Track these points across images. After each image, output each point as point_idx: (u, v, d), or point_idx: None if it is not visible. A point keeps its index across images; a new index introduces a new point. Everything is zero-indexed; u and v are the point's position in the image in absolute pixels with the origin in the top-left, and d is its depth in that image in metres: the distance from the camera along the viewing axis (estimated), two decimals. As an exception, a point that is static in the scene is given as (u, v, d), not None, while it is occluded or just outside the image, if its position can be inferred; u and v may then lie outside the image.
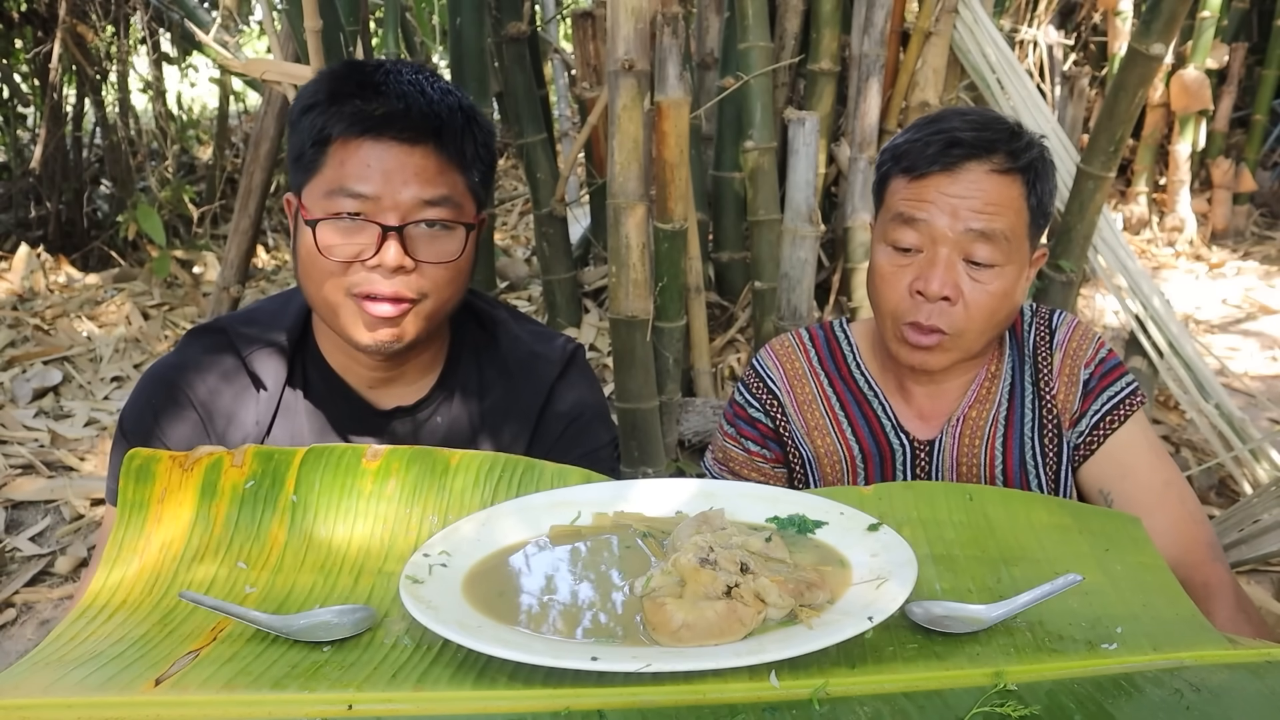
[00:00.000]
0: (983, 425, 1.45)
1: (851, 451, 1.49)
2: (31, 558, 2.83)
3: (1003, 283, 1.32)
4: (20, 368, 4.00)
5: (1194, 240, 5.75)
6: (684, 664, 0.82)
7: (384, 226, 1.22)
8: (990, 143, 1.31)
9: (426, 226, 1.25)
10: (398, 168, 1.22)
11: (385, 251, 1.22)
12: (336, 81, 1.25)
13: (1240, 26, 5.78)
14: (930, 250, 1.32)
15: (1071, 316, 1.50)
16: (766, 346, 1.58)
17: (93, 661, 0.87)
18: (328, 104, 1.23)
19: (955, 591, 1.00)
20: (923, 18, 2.92)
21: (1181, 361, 3.09)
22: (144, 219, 4.78)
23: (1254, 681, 0.87)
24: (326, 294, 1.26)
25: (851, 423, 1.50)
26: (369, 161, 1.22)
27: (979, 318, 1.33)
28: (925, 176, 1.32)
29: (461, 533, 1.04)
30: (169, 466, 1.07)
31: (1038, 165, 1.34)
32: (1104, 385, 1.44)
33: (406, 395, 1.40)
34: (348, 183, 1.22)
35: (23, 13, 5.44)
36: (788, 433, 1.54)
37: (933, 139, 1.32)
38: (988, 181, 1.30)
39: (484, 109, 3.29)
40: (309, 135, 1.24)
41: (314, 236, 1.23)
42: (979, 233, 1.30)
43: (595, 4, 3.29)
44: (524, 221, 5.72)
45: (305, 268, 1.27)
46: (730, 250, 3.47)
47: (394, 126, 1.22)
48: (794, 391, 1.52)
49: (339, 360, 1.38)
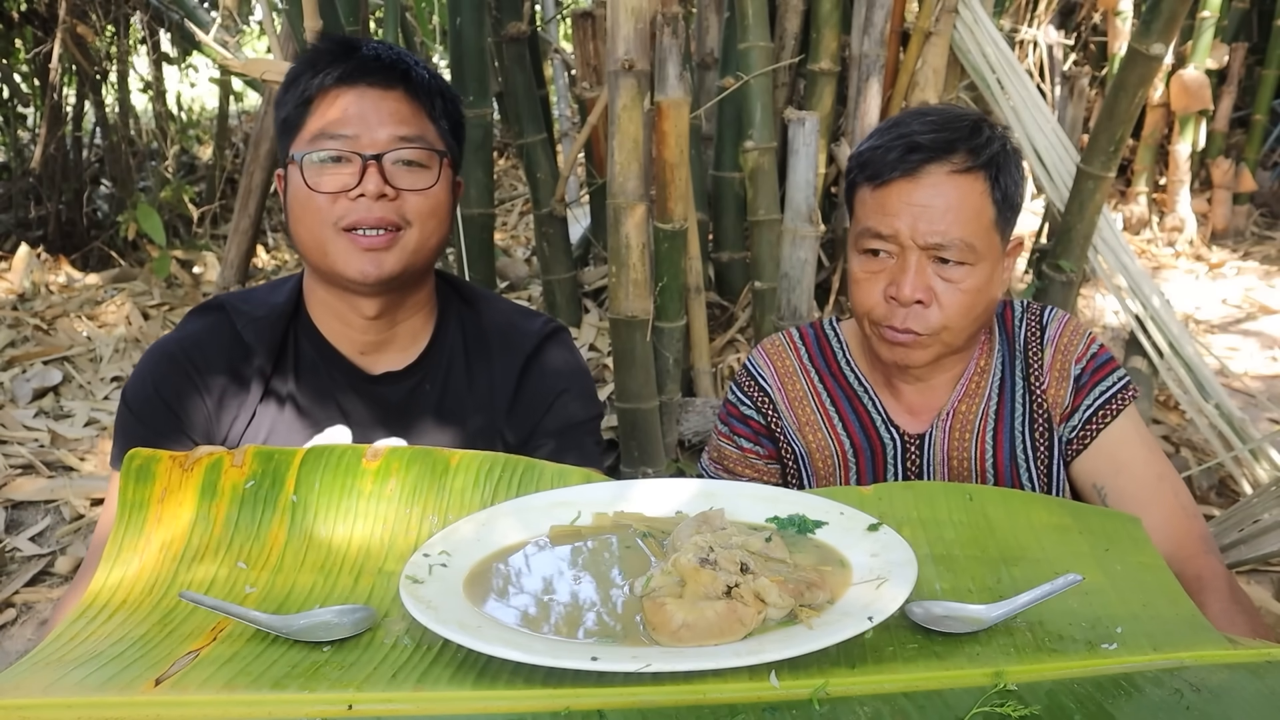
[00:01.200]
0: (973, 419, 1.46)
1: (843, 446, 1.50)
2: (31, 558, 2.83)
3: (975, 280, 1.33)
4: (20, 368, 4.00)
5: (1194, 240, 5.75)
6: (684, 664, 0.82)
7: (363, 156, 1.32)
8: (949, 143, 1.32)
9: (404, 164, 1.35)
10: (373, 109, 1.34)
11: (367, 180, 1.32)
12: (315, 53, 1.38)
13: (1240, 26, 5.78)
14: (901, 257, 1.34)
15: (1063, 313, 1.50)
16: (758, 346, 1.60)
17: (93, 661, 0.87)
18: (310, 73, 1.35)
19: (955, 591, 1.00)
20: (923, 18, 2.92)
21: (1181, 361, 3.09)
22: (144, 219, 4.78)
23: (1254, 681, 0.87)
24: (317, 233, 1.34)
25: (842, 418, 1.51)
26: (347, 106, 1.33)
27: (955, 316, 1.34)
28: (888, 184, 1.33)
29: (461, 533, 1.04)
30: (169, 466, 1.07)
31: (1000, 159, 1.34)
32: (1096, 380, 1.45)
33: (396, 361, 1.45)
34: (330, 128, 1.33)
35: (23, 13, 5.44)
36: (779, 429, 1.55)
37: (893, 145, 1.33)
38: (949, 184, 1.31)
39: (484, 109, 3.30)
40: (294, 101, 1.36)
41: (302, 175, 1.33)
42: (943, 235, 1.31)
43: (595, 4, 3.29)
44: (524, 221, 5.72)
45: (296, 212, 1.36)
46: (730, 250, 3.47)
47: (367, 73, 1.34)
48: (785, 389, 1.54)
49: (332, 327, 1.43)
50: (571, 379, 1.52)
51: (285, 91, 1.38)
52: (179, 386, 1.40)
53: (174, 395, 1.40)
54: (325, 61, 1.36)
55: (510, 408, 1.48)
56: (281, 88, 1.39)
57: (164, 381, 1.40)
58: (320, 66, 1.35)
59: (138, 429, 1.40)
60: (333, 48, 1.38)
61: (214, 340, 1.42)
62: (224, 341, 1.42)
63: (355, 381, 1.44)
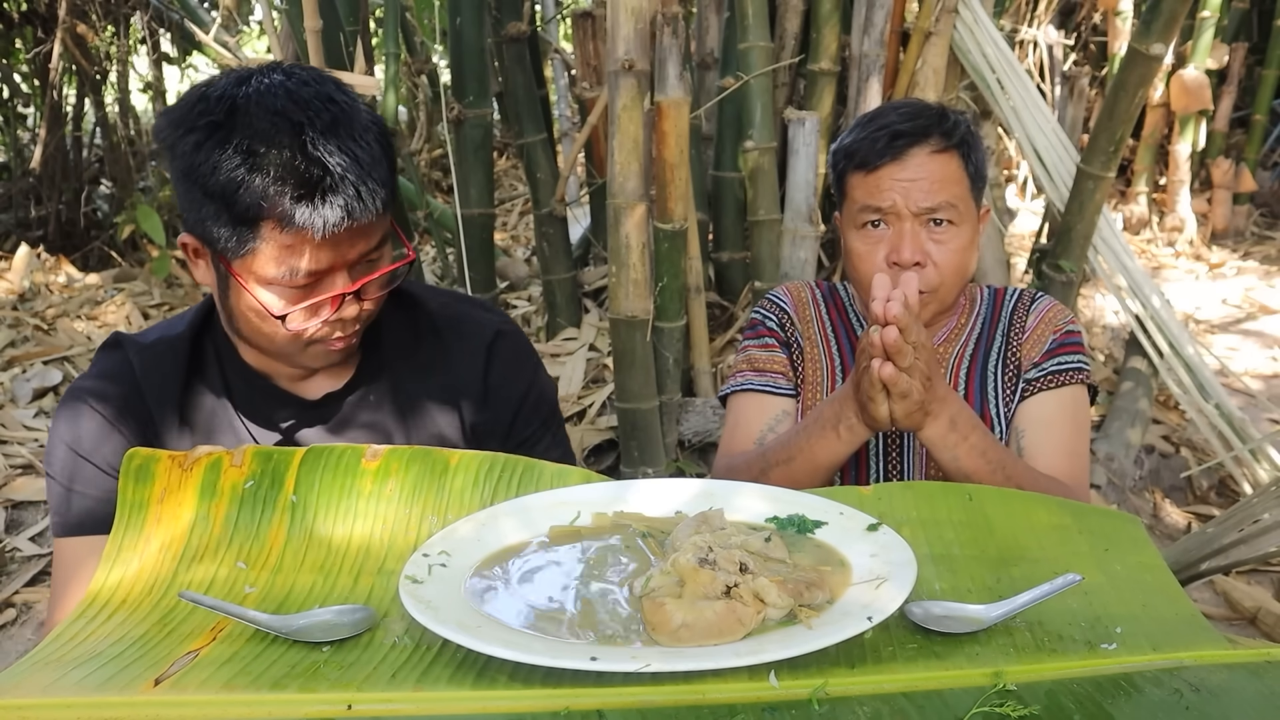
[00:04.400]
0: (949, 357, 1.64)
1: (833, 364, 1.67)
2: (31, 558, 2.83)
3: (960, 239, 1.53)
4: (20, 368, 4.00)
5: (1194, 240, 5.75)
6: (683, 664, 0.82)
7: (343, 296, 1.23)
8: (925, 128, 1.53)
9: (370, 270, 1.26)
10: (347, 239, 1.19)
11: (344, 309, 1.24)
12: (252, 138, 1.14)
13: (1240, 26, 5.78)
14: (896, 226, 1.53)
15: (1048, 298, 1.68)
16: (780, 285, 1.81)
17: (92, 661, 0.87)
18: (246, 170, 1.14)
19: (955, 591, 1.00)
20: (923, 18, 2.92)
21: (1181, 361, 3.09)
22: (144, 219, 4.78)
23: (1254, 681, 0.87)
24: (274, 343, 1.26)
25: (839, 344, 1.70)
26: (316, 243, 1.17)
27: (949, 271, 1.53)
28: (879, 168, 1.52)
29: (461, 533, 1.04)
30: (169, 466, 1.07)
31: (968, 138, 1.56)
32: (1062, 351, 1.61)
33: (332, 382, 1.39)
34: (298, 263, 1.18)
35: (23, 13, 5.44)
36: (794, 341, 1.71)
37: (878, 134, 1.53)
38: (931, 162, 1.51)
39: (484, 109, 3.30)
40: (234, 200, 1.15)
41: (257, 296, 1.20)
42: (932, 205, 1.51)
43: (595, 4, 3.29)
44: (524, 221, 5.72)
45: (252, 325, 1.25)
46: (730, 250, 3.47)
47: (344, 220, 1.17)
48: (798, 313, 1.73)
49: (261, 361, 1.36)
50: (537, 368, 1.51)
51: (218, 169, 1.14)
52: (94, 436, 1.32)
53: (92, 448, 1.32)
54: (272, 171, 1.14)
55: (481, 396, 1.44)
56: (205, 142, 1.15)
57: (79, 439, 1.32)
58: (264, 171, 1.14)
59: (72, 498, 1.32)
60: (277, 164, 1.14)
61: (115, 377, 1.34)
62: (125, 376, 1.34)
63: (295, 409, 1.38)
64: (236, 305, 1.25)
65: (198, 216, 1.20)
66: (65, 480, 1.32)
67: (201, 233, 1.21)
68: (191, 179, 1.18)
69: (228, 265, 1.21)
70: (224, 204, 1.16)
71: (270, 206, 1.14)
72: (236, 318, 1.27)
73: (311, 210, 1.15)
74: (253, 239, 1.17)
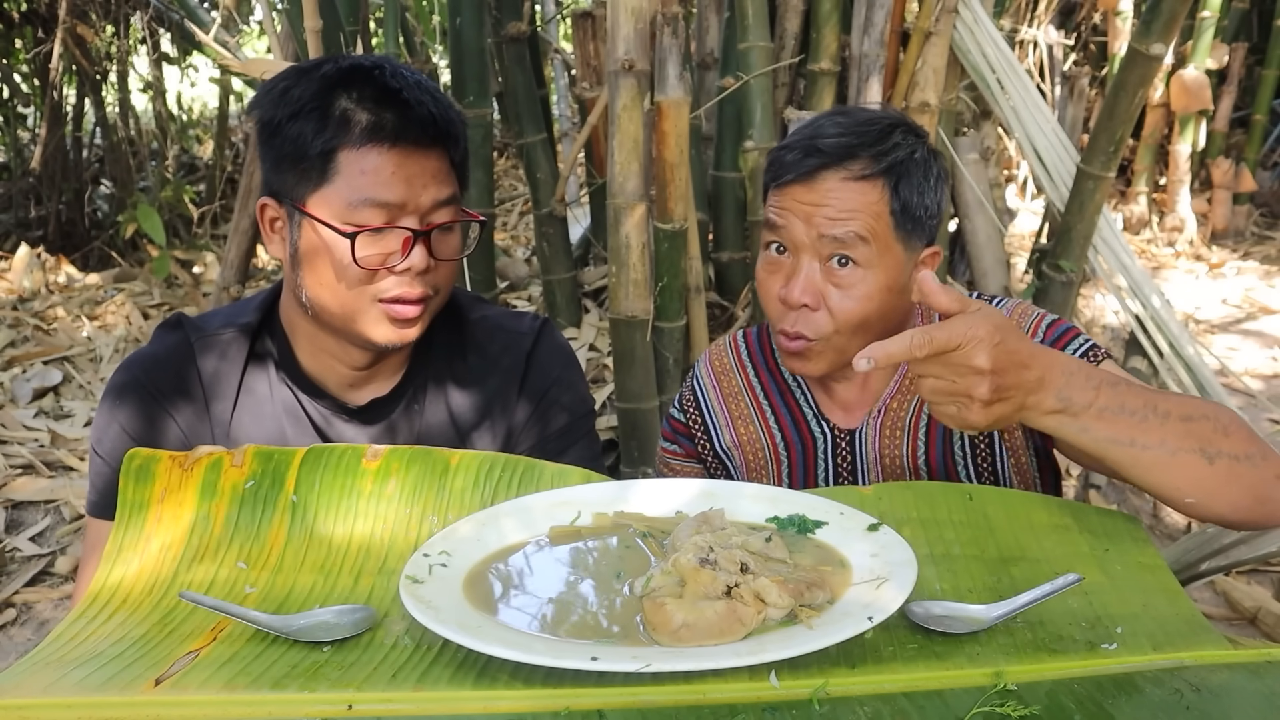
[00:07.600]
0: (904, 416, 1.43)
1: (774, 440, 1.50)
2: (31, 558, 2.84)
3: (867, 287, 1.31)
4: (20, 368, 4.00)
5: (1194, 240, 5.75)
6: (684, 664, 0.82)
7: (414, 232, 1.23)
8: (850, 149, 1.31)
9: (442, 230, 1.27)
10: (418, 172, 1.23)
11: (414, 255, 1.23)
12: (325, 85, 1.22)
13: (1240, 26, 5.78)
14: (794, 258, 1.34)
15: (1015, 299, 1.45)
16: (704, 353, 1.62)
17: (93, 661, 0.87)
18: (321, 111, 1.21)
19: (955, 591, 1.00)
20: (923, 18, 2.92)
21: (1181, 361, 3.09)
22: (144, 219, 4.78)
23: (1254, 681, 0.87)
24: (347, 300, 1.25)
25: (775, 412, 1.51)
26: (391, 169, 1.21)
27: (844, 322, 1.32)
28: (786, 186, 1.34)
29: (461, 533, 1.04)
30: (169, 466, 1.07)
31: (905, 166, 1.32)
32: (1061, 344, 1.36)
33: (379, 389, 1.40)
34: (372, 193, 1.21)
35: (23, 13, 5.44)
36: (700, 428, 1.56)
37: (796, 146, 1.33)
38: (842, 190, 1.30)
39: (484, 109, 3.30)
40: (310, 144, 1.21)
41: (352, 248, 1.21)
42: (834, 239, 1.30)
43: (595, 4, 3.29)
44: (524, 221, 5.72)
45: (321, 275, 1.25)
46: (730, 250, 3.47)
47: (409, 133, 1.22)
48: (720, 386, 1.55)
49: (317, 364, 1.36)
50: (573, 368, 1.50)
51: (289, 121, 1.22)
52: (146, 416, 1.32)
53: (144, 429, 1.33)
54: (343, 101, 1.21)
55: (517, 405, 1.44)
56: (275, 110, 1.24)
57: (130, 419, 1.32)
58: (334, 105, 1.21)
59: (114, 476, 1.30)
60: (350, 92, 1.22)
61: (173, 360, 1.35)
62: (183, 360, 1.35)
63: (342, 415, 1.38)
64: (315, 264, 1.25)
65: (275, 169, 1.25)
66: (111, 459, 1.32)
67: (279, 187, 1.26)
68: (271, 128, 1.24)
69: (302, 207, 1.23)
70: (301, 142, 1.21)
71: (351, 124, 1.20)
72: (311, 277, 1.26)
73: (388, 115, 1.20)
74: (329, 171, 1.21)
